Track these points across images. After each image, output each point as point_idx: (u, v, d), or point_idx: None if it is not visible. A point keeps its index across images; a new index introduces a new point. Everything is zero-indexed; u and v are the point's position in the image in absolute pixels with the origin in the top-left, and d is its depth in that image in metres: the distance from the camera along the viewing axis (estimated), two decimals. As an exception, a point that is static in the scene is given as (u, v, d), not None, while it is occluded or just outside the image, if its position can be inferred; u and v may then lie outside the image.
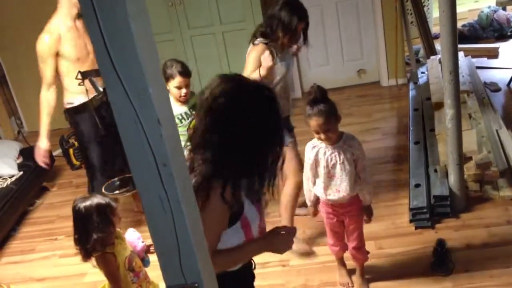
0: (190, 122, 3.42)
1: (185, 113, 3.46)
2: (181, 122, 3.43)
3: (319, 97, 2.59)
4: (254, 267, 2.08)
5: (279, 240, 1.93)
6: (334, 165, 2.70)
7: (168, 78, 3.34)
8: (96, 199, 2.53)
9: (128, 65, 1.09)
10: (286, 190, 3.40)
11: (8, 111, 6.16)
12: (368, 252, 3.08)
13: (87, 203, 2.51)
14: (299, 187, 3.28)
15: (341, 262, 3.18)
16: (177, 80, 3.32)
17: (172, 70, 3.33)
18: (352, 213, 2.87)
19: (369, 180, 2.82)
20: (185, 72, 3.35)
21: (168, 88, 3.35)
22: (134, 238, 2.73)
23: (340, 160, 2.68)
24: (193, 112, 3.35)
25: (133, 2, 1.05)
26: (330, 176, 2.73)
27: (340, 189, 2.75)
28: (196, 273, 1.29)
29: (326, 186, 2.77)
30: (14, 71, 6.11)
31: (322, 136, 2.62)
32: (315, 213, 3.02)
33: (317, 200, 2.93)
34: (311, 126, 2.62)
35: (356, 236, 2.95)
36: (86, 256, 2.53)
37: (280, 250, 1.94)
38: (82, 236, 2.51)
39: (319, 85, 2.64)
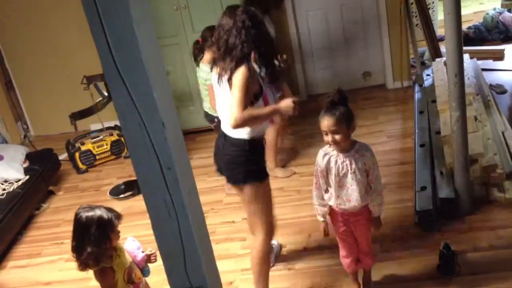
0: None
1: None
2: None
3: (337, 100, 2.58)
4: (265, 142, 3.04)
5: (286, 104, 2.78)
6: (345, 174, 2.66)
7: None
8: (100, 212, 2.47)
9: (132, 69, 1.09)
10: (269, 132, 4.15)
11: (15, 116, 6.20)
12: (374, 255, 3.05)
13: (90, 214, 2.46)
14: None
15: (354, 278, 3.07)
16: None
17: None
18: (361, 222, 2.81)
19: (380, 191, 2.73)
20: None
21: (211, 51, 3.70)
22: (134, 247, 2.68)
23: (351, 169, 2.64)
24: None
25: (137, 7, 1.06)
26: (341, 185, 2.69)
27: (351, 198, 2.70)
28: (201, 276, 1.29)
29: (337, 195, 2.72)
30: (21, 76, 6.15)
31: (330, 138, 2.58)
32: (326, 232, 2.89)
33: (327, 213, 2.86)
34: (321, 126, 2.60)
35: (364, 245, 2.91)
36: (81, 266, 2.49)
37: (287, 111, 2.81)
38: (78, 245, 2.47)
39: (341, 89, 2.63)
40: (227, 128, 2.89)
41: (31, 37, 5.91)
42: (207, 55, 3.90)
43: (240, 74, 2.70)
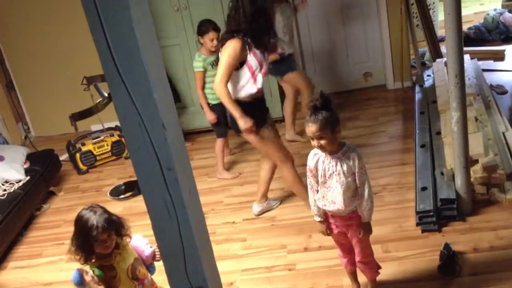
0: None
1: (214, 60, 4.34)
2: (212, 68, 4.36)
3: (320, 105, 2.53)
4: (268, 111, 3.77)
5: (244, 123, 3.44)
6: (330, 176, 2.64)
7: (203, 32, 4.36)
8: (89, 216, 2.45)
9: (132, 70, 1.09)
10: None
11: (16, 116, 6.20)
12: (379, 267, 2.99)
13: (82, 213, 2.48)
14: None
15: (353, 278, 3.07)
16: (211, 34, 4.32)
17: (207, 27, 4.35)
18: (353, 227, 2.77)
19: (366, 195, 2.66)
20: (217, 28, 4.35)
21: (202, 41, 4.42)
22: (142, 243, 2.69)
23: (336, 171, 2.62)
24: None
25: (137, 7, 1.06)
26: (326, 186, 2.67)
27: (336, 200, 2.67)
28: (201, 277, 1.29)
29: (323, 195, 2.71)
30: (22, 76, 6.15)
31: (316, 143, 2.57)
32: (327, 230, 2.87)
33: (324, 214, 2.84)
34: (306, 132, 2.59)
35: (360, 251, 2.85)
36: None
37: (241, 128, 3.50)
38: (75, 244, 2.50)
39: (324, 93, 2.57)
40: None
41: (32, 38, 5.91)
42: (201, 47, 4.48)
43: (231, 45, 3.35)
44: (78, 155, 5.28)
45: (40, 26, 5.84)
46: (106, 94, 4.89)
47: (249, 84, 3.51)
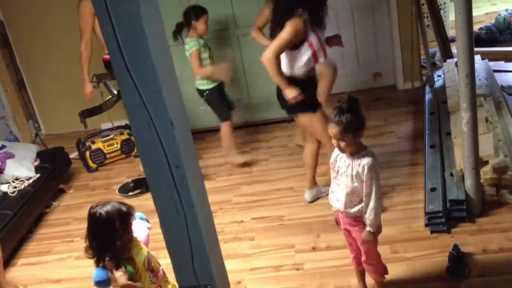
0: (210, 52, 4.51)
1: (205, 43, 4.46)
2: (205, 50, 4.44)
3: (345, 108, 2.54)
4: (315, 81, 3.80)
5: (288, 91, 3.44)
6: (341, 174, 2.67)
7: (199, 15, 4.32)
8: (117, 204, 2.48)
9: (142, 68, 1.10)
10: None
11: (26, 114, 6.24)
12: (385, 273, 2.96)
13: (108, 208, 2.46)
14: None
15: (360, 277, 3.05)
16: (205, 16, 4.34)
17: (200, 9, 4.35)
18: (357, 231, 2.77)
19: (371, 206, 2.61)
20: (206, 10, 4.40)
21: (195, 26, 4.33)
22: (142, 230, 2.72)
23: (346, 172, 2.63)
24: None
25: (147, 6, 1.07)
26: (336, 183, 2.71)
27: (339, 199, 2.70)
28: (208, 274, 1.30)
29: (332, 190, 2.76)
30: (33, 75, 6.19)
31: (335, 143, 2.60)
32: (338, 221, 2.90)
33: None
34: (329, 131, 2.62)
35: (365, 252, 2.84)
36: (99, 262, 2.49)
37: (288, 96, 3.46)
38: (103, 243, 2.46)
39: (352, 96, 2.59)
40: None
41: (43, 36, 5.95)
42: (192, 32, 4.40)
43: (293, 23, 3.32)
44: (88, 153, 5.31)
45: (51, 24, 5.87)
46: (115, 92, 4.91)
47: (309, 62, 3.52)
